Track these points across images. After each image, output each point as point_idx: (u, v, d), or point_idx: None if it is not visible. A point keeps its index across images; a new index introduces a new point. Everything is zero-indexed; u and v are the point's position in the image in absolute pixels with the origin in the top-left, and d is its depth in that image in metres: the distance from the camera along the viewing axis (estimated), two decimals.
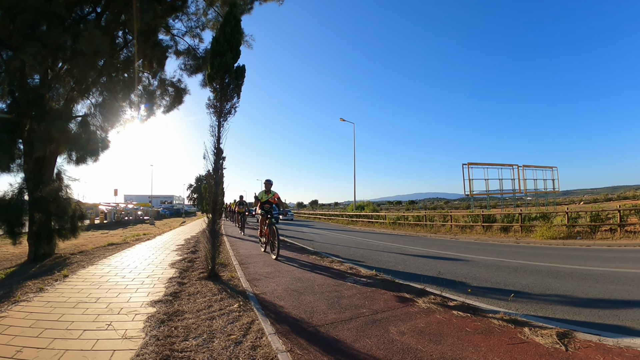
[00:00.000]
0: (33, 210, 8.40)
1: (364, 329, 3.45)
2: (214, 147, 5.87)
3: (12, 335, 3.19)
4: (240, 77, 6.01)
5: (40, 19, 7.92)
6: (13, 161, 8.44)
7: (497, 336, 3.21)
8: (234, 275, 6.07)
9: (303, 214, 41.17)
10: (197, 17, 11.81)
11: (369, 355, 2.83)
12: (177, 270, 6.55)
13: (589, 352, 2.80)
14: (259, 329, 3.45)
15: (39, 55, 7.53)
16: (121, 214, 31.69)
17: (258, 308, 4.14)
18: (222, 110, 5.88)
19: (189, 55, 12.16)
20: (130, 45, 10.83)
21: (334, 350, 2.95)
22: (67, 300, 4.44)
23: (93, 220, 24.84)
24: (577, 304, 4.51)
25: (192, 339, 3.18)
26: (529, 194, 29.26)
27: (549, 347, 2.91)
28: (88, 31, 8.24)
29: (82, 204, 10.28)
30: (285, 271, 6.46)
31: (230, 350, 2.93)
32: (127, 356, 2.79)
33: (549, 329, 3.30)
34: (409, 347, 2.97)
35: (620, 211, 13.54)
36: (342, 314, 3.93)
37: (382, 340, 3.14)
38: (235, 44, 5.88)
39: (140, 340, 3.14)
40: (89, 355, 2.80)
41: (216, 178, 5.89)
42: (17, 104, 8.27)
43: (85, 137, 9.41)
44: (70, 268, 6.79)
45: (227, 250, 9.49)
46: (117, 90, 10.38)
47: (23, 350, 2.86)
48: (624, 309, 4.19)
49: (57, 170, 9.42)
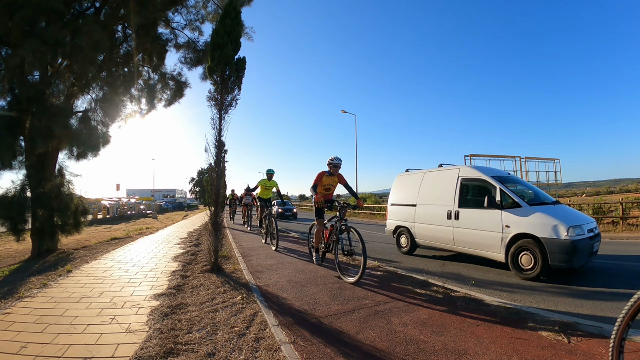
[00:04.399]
0: (36, 207, 8.44)
1: (366, 320, 3.46)
2: (216, 139, 5.85)
3: (16, 331, 3.21)
4: (241, 69, 5.97)
5: (39, 15, 7.89)
6: (15, 158, 8.46)
7: (500, 328, 3.21)
8: (236, 267, 6.09)
9: (306, 207, 41.13)
10: (197, 9, 11.72)
11: (372, 347, 2.84)
12: (180, 263, 6.57)
13: (592, 345, 2.80)
14: (262, 320, 3.46)
15: (38, 51, 7.49)
16: (124, 209, 31.81)
17: (261, 300, 4.15)
18: (223, 102, 5.84)
19: (189, 49, 12.08)
20: (129, 40, 10.78)
21: (337, 341, 2.95)
22: (71, 295, 4.46)
23: (96, 216, 24.93)
24: (579, 296, 4.50)
25: (195, 332, 3.19)
26: None
27: (551, 339, 2.91)
28: (87, 26, 8.20)
29: (84, 200, 10.30)
30: (288, 263, 6.48)
31: (233, 342, 2.94)
32: (131, 350, 2.81)
33: (551, 321, 3.30)
34: (411, 338, 2.97)
35: (623, 204, 13.53)
36: (344, 305, 3.94)
37: (384, 332, 3.14)
38: (236, 36, 5.82)
39: (144, 333, 3.16)
40: (93, 349, 2.82)
41: (218, 171, 5.88)
42: (17, 100, 8.26)
43: (86, 132, 9.41)
44: (73, 263, 6.82)
45: (230, 243, 9.52)
46: (118, 85, 10.35)
47: (27, 346, 2.87)
48: (626, 302, 4.17)
49: (59, 166, 9.45)
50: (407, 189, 8.27)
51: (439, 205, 7.05)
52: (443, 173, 7.36)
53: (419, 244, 7.76)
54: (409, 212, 7.96)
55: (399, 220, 8.31)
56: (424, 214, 7.50)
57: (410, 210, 7.89)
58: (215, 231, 5.88)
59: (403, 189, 8.46)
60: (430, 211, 7.32)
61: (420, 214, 7.62)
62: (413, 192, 7.93)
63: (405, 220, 8.08)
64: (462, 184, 6.77)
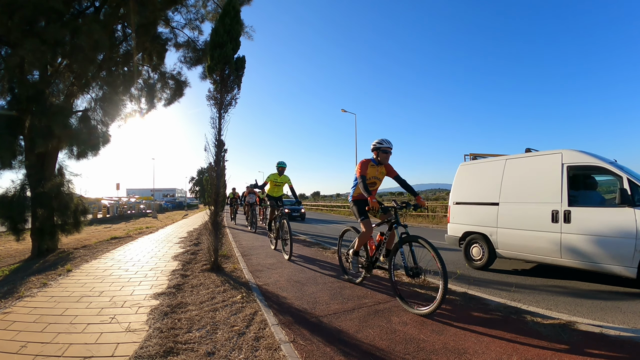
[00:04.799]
0: (36, 206, 8.44)
1: (366, 319, 3.46)
2: (215, 139, 5.85)
3: (16, 331, 3.20)
4: (241, 68, 5.96)
5: (38, 14, 7.89)
6: (14, 158, 8.46)
7: (499, 327, 3.21)
8: (236, 266, 6.10)
9: (305, 206, 41.24)
10: (197, 9, 11.71)
11: (372, 346, 2.84)
12: (180, 262, 6.57)
13: (591, 344, 2.80)
14: (262, 319, 3.46)
15: (38, 51, 7.49)
16: (124, 208, 31.86)
17: (261, 299, 4.15)
18: (222, 101, 5.84)
19: (188, 48, 12.08)
20: (129, 39, 10.79)
21: (337, 340, 2.95)
22: (71, 295, 4.46)
23: (96, 215, 24.95)
24: (579, 295, 4.50)
25: (195, 331, 3.20)
26: None
27: (551, 338, 2.91)
28: (87, 26, 8.20)
29: (84, 199, 10.31)
30: (288, 262, 6.48)
31: (233, 342, 2.94)
32: (131, 349, 2.81)
33: (551, 320, 3.31)
34: (411, 337, 2.97)
35: None
36: (344, 304, 3.94)
37: (384, 331, 3.15)
38: (235, 35, 5.82)
39: (143, 332, 3.16)
40: (93, 348, 2.82)
41: (218, 170, 5.88)
42: (17, 100, 8.27)
43: (86, 131, 9.41)
44: (73, 263, 6.82)
45: (230, 242, 9.52)
46: (117, 84, 10.36)
47: (27, 345, 2.87)
48: (626, 301, 4.18)
49: (59, 166, 9.45)
50: (480, 181, 6.52)
51: (538, 204, 5.39)
52: (536, 160, 5.67)
53: (500, 255, 5.95)
54: (486, 213, 6.17)
55: (469, 224, 6.51)
56: (512, 215, 5.75)
57: (490, 211, 6.10)
58: (215, 230, 5.88)
59: (473, 181, 6.68)
60: (522, 212, 5.61)
61: (506, 216, 5.84)
62: (492, 186, 6.17)
63: (480, 224, 6.28)
64: (570, 174, 5.13)
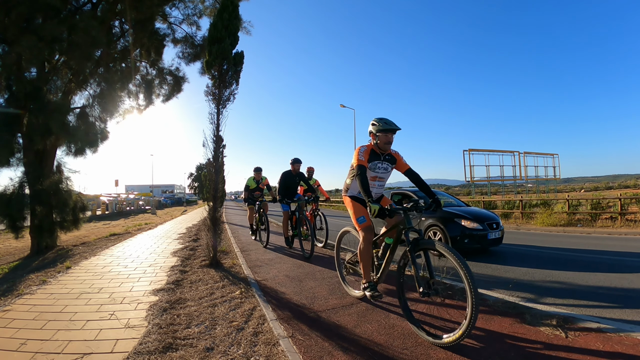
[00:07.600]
0: (34, 204, 8.42)
1: (365, 314, 3.47)
2: (214, 134, 5.84)
3: (16, 328, 3.21)
4: (239, 64, 5.94)
5: (35, 11, 7.84)
6: (13, 155, 8.42)
7: (497, 322, 3.22)
8: (235, 262, 6.11)
9: None
10: (194, 4, 11.65)
11: (370, 340, 2.85)
12: (179, 258, 6.58)
13: (589, 339, 2.81)
14: (261, 315, 3.47)
15: (35, 48, 7.45)
16: (123, 205, 31.77)
17: (260, 294, 4.16)
18: (220, 97, 5.82)
19: (186, 43, 12.02)
20: (127, 35, 10.73)
21: (335, 335, 2.96)
22: (70, 292, 4.47)
23: (95, 212, 24.89)
24: (577, 291, 4.51)
25: (194, 327, 3.21)
26: (529, 180, 29.16)
27: (549, 334, 2.92)
28: (84, 22, 8.15)
29: (83, 196, 10.31)
30: (287, 258, 6.49)
31: (232, 337, 2.95)
32: (130, 345, 2.82)
33: (549, 316, 3.31)
34: (409, 332, 2.98)
35: (621, 199, 13.57)
36: (343, 299, 3.95)
37: (383, 326, 3.16)
38: (233, 29, 5.80)
39: (143, 328, 3.17)
40: (93, 345, 2.82)
41: (216, 166, 5.87)
42: (14, 97, 8.22)
43: (84, 128, 9.37)
44: (72, 260, 6.83)
45: (229, 238, 9.54)
46: (115, 80, 10.31)
47: (27, 343, 2.88)
48: (624, 297, 4.20)
49: (57, 163, 9.42)
50: None
51: None
52: None
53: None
54: None
55: None
56: None
57: None
58: (213, 226, 5.89)
59: None
60: None
61: None
62: None
63: None
64: None
